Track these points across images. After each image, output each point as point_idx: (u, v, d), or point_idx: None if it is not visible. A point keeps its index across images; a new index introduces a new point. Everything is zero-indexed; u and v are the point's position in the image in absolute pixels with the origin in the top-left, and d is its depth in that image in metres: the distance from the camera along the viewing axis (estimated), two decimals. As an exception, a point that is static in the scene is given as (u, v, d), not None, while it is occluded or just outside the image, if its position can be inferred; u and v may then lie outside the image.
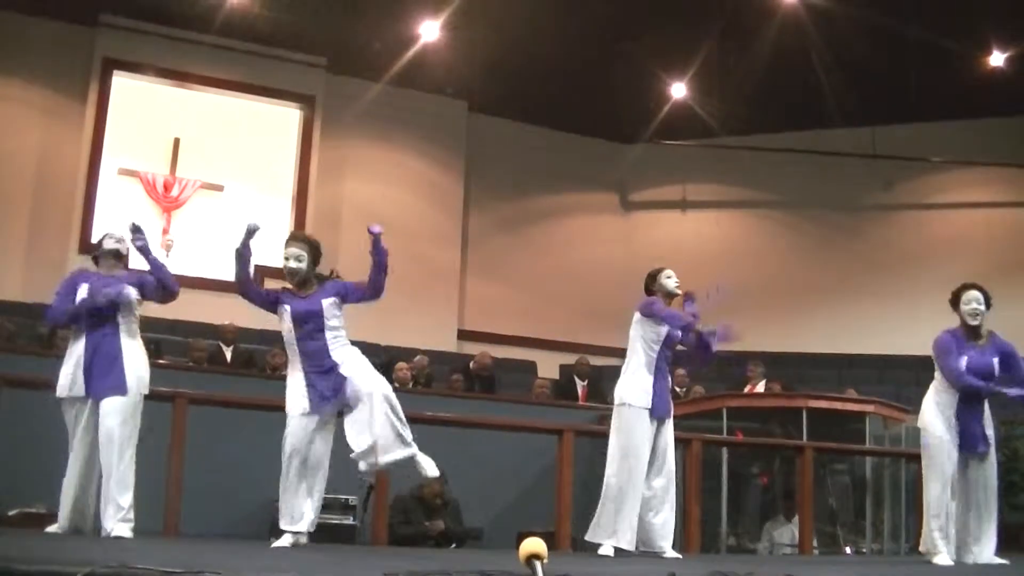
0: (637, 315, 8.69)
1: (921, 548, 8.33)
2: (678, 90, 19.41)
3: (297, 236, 8.45)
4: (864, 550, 11.90)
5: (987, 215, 20.36)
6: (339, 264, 8.26)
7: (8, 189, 17.30)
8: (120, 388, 7.36)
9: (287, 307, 8.08)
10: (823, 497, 12.16)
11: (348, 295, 8.27)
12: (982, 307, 8.33)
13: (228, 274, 7.94)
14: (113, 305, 7.61)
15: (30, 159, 17.32)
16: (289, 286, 8.18)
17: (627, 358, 8.58)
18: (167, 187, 18.16)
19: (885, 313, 19.51)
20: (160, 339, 15.15)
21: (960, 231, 20.30)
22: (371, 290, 8.31)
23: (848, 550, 12.03)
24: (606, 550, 8.20)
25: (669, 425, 8.53)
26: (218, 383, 11.72)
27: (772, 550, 12.14)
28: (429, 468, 7.99)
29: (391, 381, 13.92)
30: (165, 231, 17.92)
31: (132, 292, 7.84)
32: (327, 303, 8.11)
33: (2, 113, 17.51)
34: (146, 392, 7.62)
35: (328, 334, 8.10)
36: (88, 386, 7.30)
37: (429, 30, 17.89)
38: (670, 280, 8.90)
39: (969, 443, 8.24)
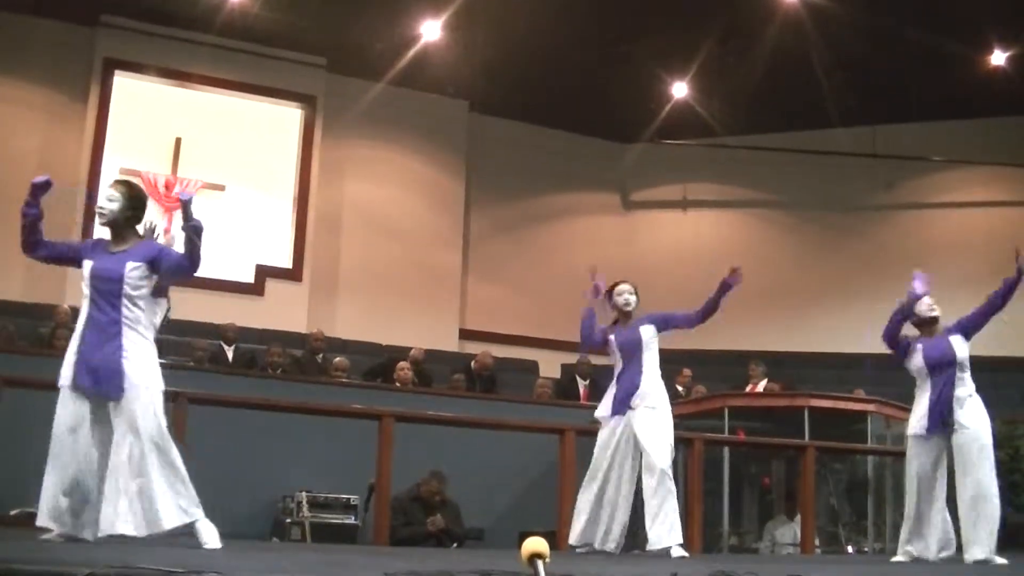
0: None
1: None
2: (679, 90, 19.42)
3: (120, 181, 7.03)
4: (866, 549, 11.91)
5: (988, 215, 20.36)
6: (342, 264, 8.11)
7: (9, 189, 17.22)
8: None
9: (89, 261, 6.59)
10: (825, 496, 12.17)
11: (160, 261, 6.64)
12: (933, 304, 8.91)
13: (230, 274, 7.89)
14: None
15: (32, 159, 17.32)
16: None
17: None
18: (168, 187, 18.17)
19: (886, 312, 19.30)
20: (161, 339, 15.13)
21: (961, 231, 20.30)
22: (186, 261, 6.64)
23: (850, 549, 12.04)
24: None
25: (639, 416, 8.49)
26: (219, 383, 11.71)
27: (774, 549, 12.14)
28: (212, 540, 6.50)
29: (392, 381, 14.07)
30: (167, 231, 17.90)
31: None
32: (131, 267, 6.54)
33: (4, 114, 17.54)
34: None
35: (124, 309, 6.55)
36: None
37: (430, 30, 17.89)
38: (619, 297, 8.90)
39: (935, 424, 8.32)
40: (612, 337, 8.78)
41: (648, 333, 8.63)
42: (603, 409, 8.75)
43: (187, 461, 6.84)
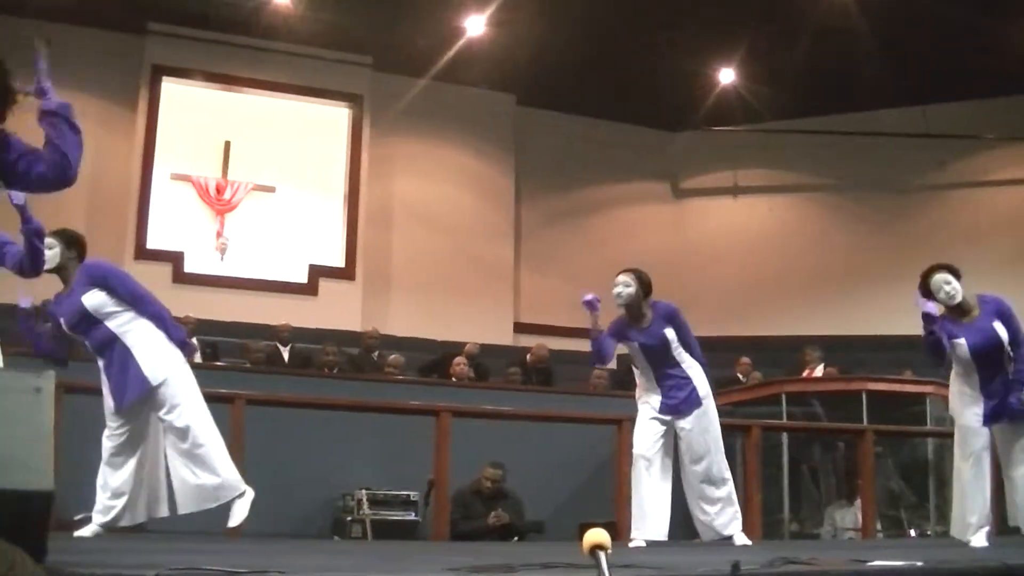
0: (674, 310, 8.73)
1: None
2: (726, 76, 19.31)
3: (53, 232, 7.12)
4: (929, 532, 11.84)
5: (1042, 191, 20.18)
6: (394, 261, 8.09)
7: (62, 198, 17.30)
8: None
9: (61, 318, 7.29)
10: (884, 480, 12.11)
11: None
12: (953, 286, 8.00)
13: (283, 275, 7.90)
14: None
15: (83, 167, 17.03)
16: None
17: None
18: (219, 190, 18.27)
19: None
20: (217, 341, 15.27)
21: (1014, 208, 20.08)
22: (28, 265, 6.49)
23: (912, 532, 11.97)
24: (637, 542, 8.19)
25: (692, 419, 8.37)
26: (276, 384, 11.77)
27: (836, 534, 12.09)
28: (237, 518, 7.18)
29: (448, 377, 14.09)
30: (219, 234, 18.04)
31: None
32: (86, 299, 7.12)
33: (55, 123, 17.65)
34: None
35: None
36: None
37: (474, 24, 17.87)
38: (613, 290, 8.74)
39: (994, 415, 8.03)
40: (631, 341, 8.53)
41: (671, 334, 8.43)
42: (652, 409, 8.34)
43: (247, 463, 6.89)
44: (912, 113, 19.53)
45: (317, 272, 18.32)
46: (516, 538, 10.72)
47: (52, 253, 6.98)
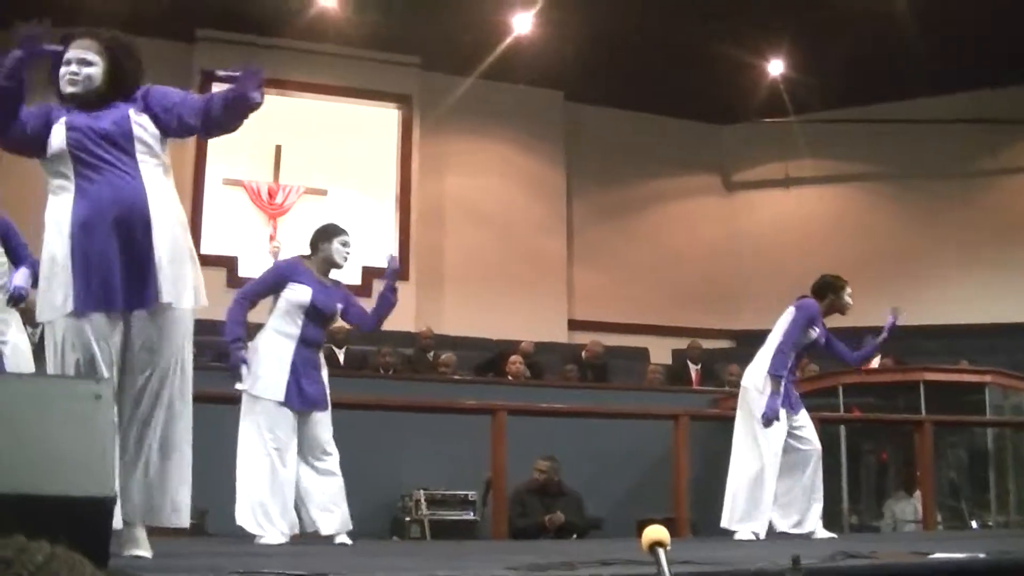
0: (792, 310, 8.68)
1: None
2: (775, 67, 19.18)
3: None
4: (990, 523, 11.75)
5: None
6: (447, 260, 8.11)
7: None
8: None
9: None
10: (944, 471, 12.03)
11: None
12: None
13: (336, 276, 7.90)
14: None
15: None
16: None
17: (766, 343, 8.62)
18: (271, 194, 18.37)
19: (996, 280, 19.13)
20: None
21: (1072, 192, 19.92)
22: None
23: (974, 524, 11.88)
24: (743, 535, 8.17)
25: (802, 415, 8.50)
26: (332, 386, 11.78)
27: (895, 527, 12.03)
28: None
29: (503, 375, 14.11)
30: (272, 237, 18.12)
31: None
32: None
33: (106, 132, 17.79)
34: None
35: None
36: None
37: (521, 21, 17.85)
38: (849, 299, 8.82)
39: None
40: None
41: None
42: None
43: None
44: (962, 99, 19.37)
45: (370, 273, 18.33)
46: (575, 535, 10.73)
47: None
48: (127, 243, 4.70)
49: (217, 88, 5.34)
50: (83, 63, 4.98)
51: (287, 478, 7.11)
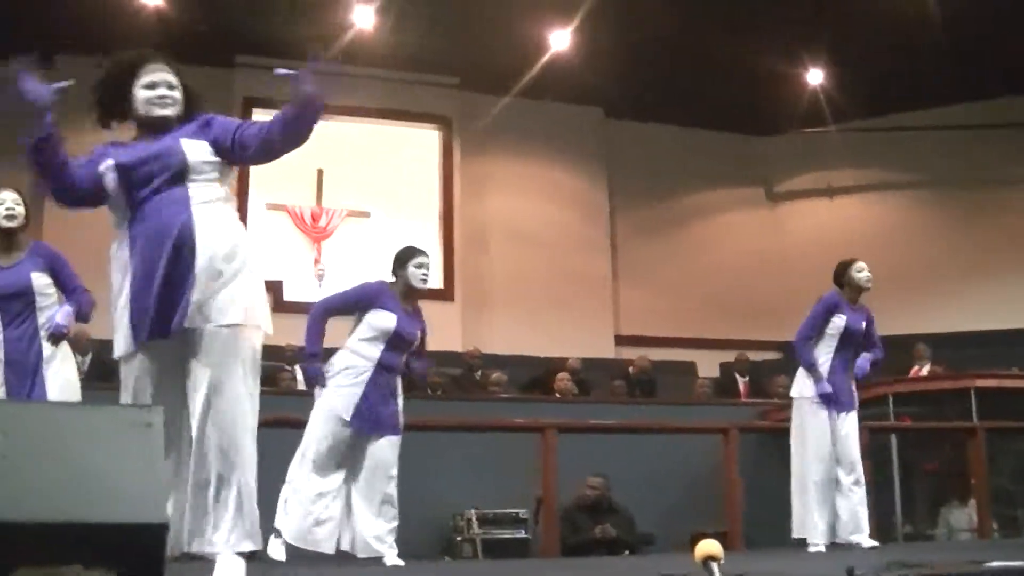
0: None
1: None
2: (814, 77, 19.11)
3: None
4: (1048, 532, 11.64)
5: None
6: (492, 279, 8.10)
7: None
8: None
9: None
10: (998, 479, 11.91)
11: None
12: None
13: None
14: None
15: None
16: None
17: None
18: (315, 218, 18.44)
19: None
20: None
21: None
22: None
23: (1030, 532, 11.77)
24: (814, 544, 8.15)
25: (850, 418, 8.47)
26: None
27: (950, 535, 11.93)
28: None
29: (551, 393, 14.09)
30: (316, 261, 18.19)
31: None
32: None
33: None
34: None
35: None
36: None
37: (559, 39, 17.84)
38: (860, 274, 8.71)
39: None
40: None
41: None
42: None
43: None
44: (1003, 104, 19.27)
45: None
46: (627, 552, 10.70)
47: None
48: (171, 272, 4.63)
49: (258, 115, 5.30)
50: (171, 86, 5.01)
51: (316, 492, 7.11)
